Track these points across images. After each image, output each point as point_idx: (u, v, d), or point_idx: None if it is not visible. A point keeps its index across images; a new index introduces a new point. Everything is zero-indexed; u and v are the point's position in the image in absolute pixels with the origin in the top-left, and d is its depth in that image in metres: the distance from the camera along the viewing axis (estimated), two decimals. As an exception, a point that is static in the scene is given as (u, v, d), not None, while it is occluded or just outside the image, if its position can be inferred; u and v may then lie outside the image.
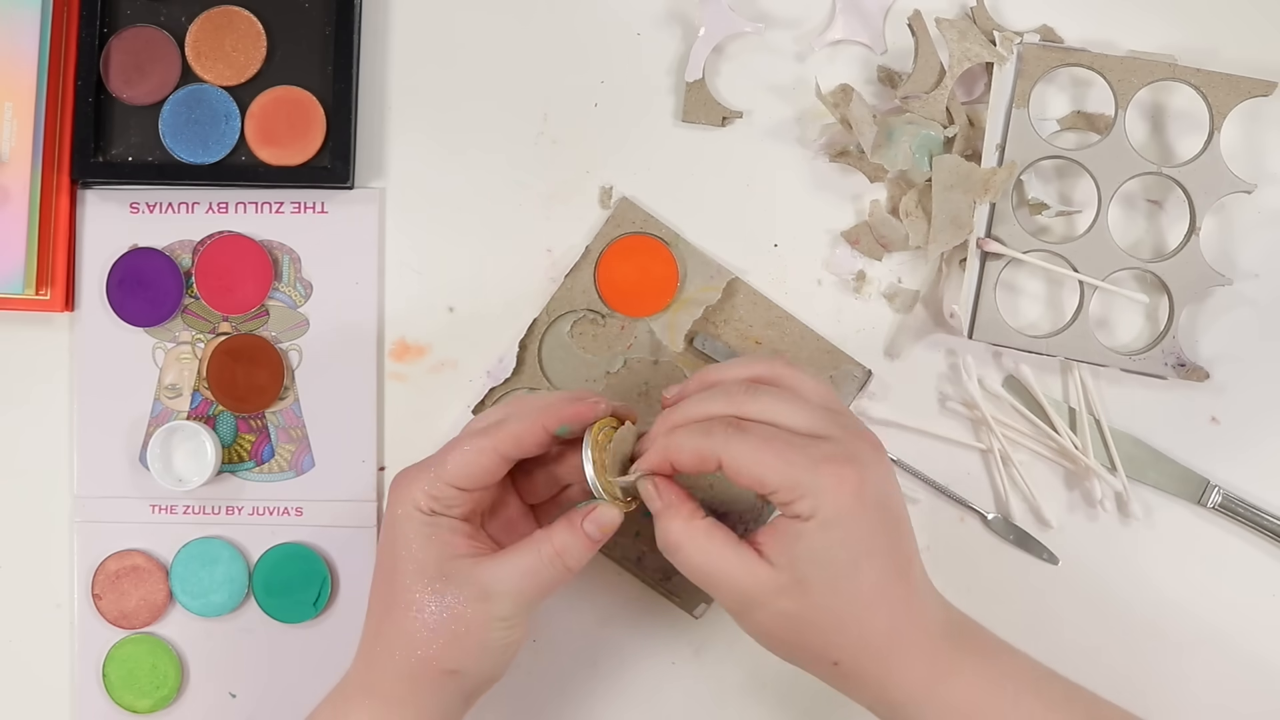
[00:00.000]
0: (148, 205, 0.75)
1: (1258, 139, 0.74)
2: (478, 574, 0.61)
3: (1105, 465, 0.73)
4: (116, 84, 0.74)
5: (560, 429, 0.62)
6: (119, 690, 0.74)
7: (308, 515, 0.74)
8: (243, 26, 0.74)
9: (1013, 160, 0.71)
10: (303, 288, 0.74)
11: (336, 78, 0.73)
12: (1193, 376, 0.72)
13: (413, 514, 0.61)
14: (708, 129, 0.75)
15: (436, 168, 0.75)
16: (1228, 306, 0.73)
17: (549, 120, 0.75)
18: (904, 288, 0.74)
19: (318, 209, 0.75)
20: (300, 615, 0.74)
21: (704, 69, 0.74)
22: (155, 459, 0.72)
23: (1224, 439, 0.73)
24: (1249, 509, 0.72)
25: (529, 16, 0.75)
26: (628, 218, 0.74)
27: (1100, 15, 0.74)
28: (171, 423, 0.73)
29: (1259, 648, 0.73)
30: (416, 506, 0.61)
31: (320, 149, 0.74)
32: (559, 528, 0.62)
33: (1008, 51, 0.72)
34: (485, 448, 0.62)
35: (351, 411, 0.74)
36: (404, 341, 0.75)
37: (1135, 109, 0.73)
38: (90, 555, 0.74)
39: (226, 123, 0.74)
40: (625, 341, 0.74)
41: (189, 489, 0.72)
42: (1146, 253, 0.74)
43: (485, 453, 0.62)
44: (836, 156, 0.74)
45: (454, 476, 0.61)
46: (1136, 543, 0.73)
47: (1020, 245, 0.72)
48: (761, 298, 0.74)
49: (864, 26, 0.74)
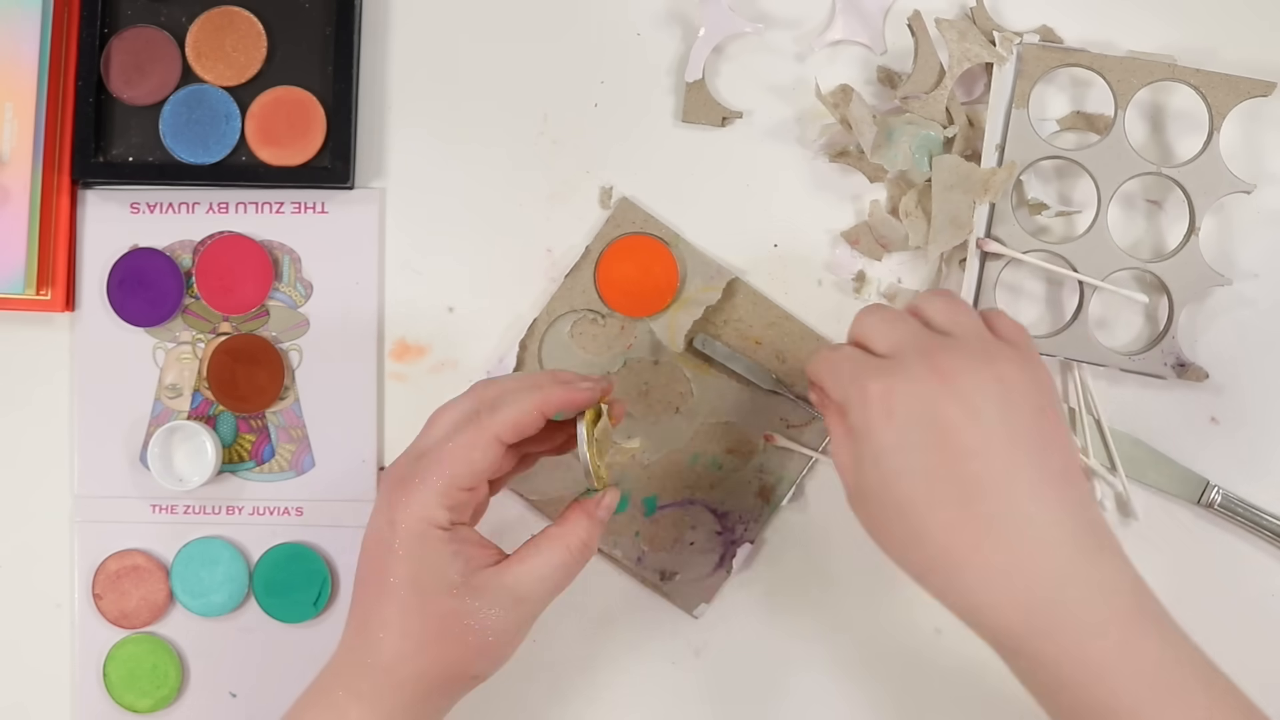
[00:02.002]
0: (148, 205, 0.75)
1: (1257, 139, 0.74)
2: (507, 582, 0.60)
3: (1105, 465, 0.73)
4: (117, 84, 0.74)
5: (557, 414, 0.62)
6: (119, 690, 0.74)
7: (308, 515, 0.74)
8: (243, 27, 0.74)
9: (1012, 160, 0.71)
10: (303, 288, 0.74)
11: (336, 78, 0.73)
12: (1192, 376, 0.72)
13: (431, 532, 0.60)
14: (708, 129, 0.75)
15: (436, 167, 0.75)
16: (1227, 306, 0.73)
17: (549, 120, 0.75)
18: (904, 288, 0.74)
19: (318, 209, 0.75)
20: (300, 615, 0.74)
21: (704, 69, 0.74)
22: (155, 459, 0.72)
23: (1224, 439, 0.73)
24: (1249, 509, 0.72)
25: (529, 17, 0.75)
26: (628, 218, 0.74)
27: (1100, 15, 0.74)
28: (172, 423, 0.73)
29: (1259, 648, 0.73)
30: (435, 524, 0.60)
31: (320, 149, 0.74)
32: (578, 522, 0.62)
33: (1007, 52, 0.72)
34: (488, 440, 0.60)
35: (351, 411, 0.74)
36: (404, 341, 0.75)
37: (1135, 109, 0.73)
38: (90, 555, 0.74)
39: (227, 123, 0.74)
40: (625, 341, 0.74)
41: (189, 489, 0.72)
42: (1146, 253, 0.74)
43: (490, 445, 0.60)
44: (836, 156, 0.74)
45: (463, 478, 0.60)
46: (1136, 543, 0.73)
47: (1020, 245, 0.72)
48: (761, 298, 0.74)
49: (864, 27, 0.74)
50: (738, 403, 0.73)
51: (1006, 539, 0.55)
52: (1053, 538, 0.55)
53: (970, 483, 0.56)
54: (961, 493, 0.56)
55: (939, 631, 0.73)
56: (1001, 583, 0.55)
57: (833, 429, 0.60)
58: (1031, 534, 0.55)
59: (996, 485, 0.56)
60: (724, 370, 0.73)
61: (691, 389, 0.73)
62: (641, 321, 0.74)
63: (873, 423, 0.57)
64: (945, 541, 0.56)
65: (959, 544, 0.56)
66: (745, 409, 0.73)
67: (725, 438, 0.73)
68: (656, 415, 0.73)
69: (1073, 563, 0.55)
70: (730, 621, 0.73)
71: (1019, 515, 0.56)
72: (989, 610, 0.56)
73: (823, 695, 0.73)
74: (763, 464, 0.73)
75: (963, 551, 0.56)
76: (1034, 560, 0.55)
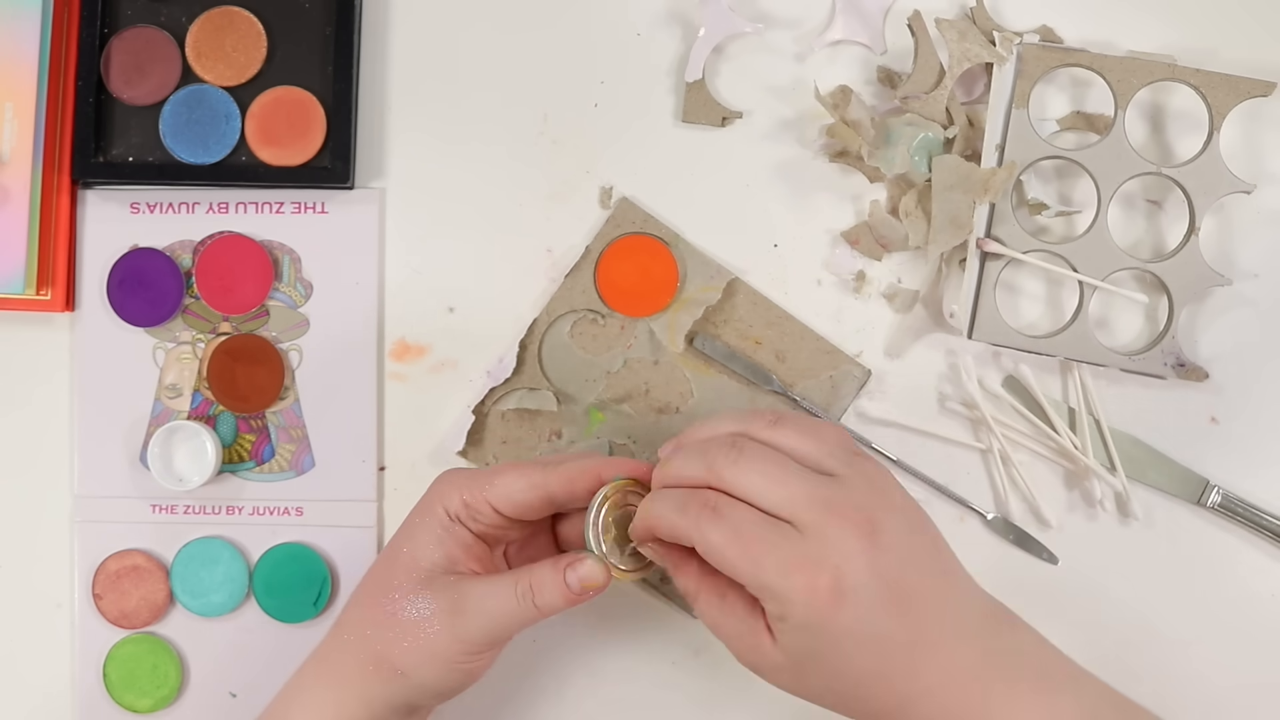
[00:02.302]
0: (148, 205, 0.75)
1: (1257, 139, 0.74)
2: (457, 589, 0.61)
3: (1105, 465, 0.73)
4: (117, 84, 0.74)
5: (615, 480, 0.61)
6: (119, 690, 0.74)
7: (308, 515, 0.74)
8: (243, 27, 0.74)
9: (1013, 160, 0.72)
10: (303, 288, 0.74)
11: (336, 78, 0.73)
12: (1192, 376, 0.72)
13: (437, 514, 0.62)
14: (708, 129, 0.75)
15: (436, 167, 0.75)
16: (1227, 306, 0.73)
17: (549, 120, 0.75)
18: (904, 288, 0.74)
19: (318, 209, 0.75)
20: (300, 615, 0.74)
21: (704, 69, 0.74)
22: (155, 459, 0.72)
23: (1224, 439, 0.73)
24: (1249, 509, 0.72)
25: (529, 17, 0.75)
26: (628, 218, 0.74)
27: (1100, 15, 0.74)
28: (172, 423, 0.73)
29: (1259, 648, 0.73)
30: (445, 509, 0.61)
31: (320, 149, 0.74)
32: (542, 565, 0.61)
33: (1007, 52, 0.72)
34: (536, 483, 0.61)
35: (351, 411, 0.74)
36: (404, 341, 0.75)
37: (1135, 109, 0.73)
38: (90, 555, 0.74)
39: (227, 123, 0.74)
40: (625, 341, 0.74)
41: (189, 489, 0.72)
42: (1146, 253, 0.74)
43: (535, 488, 0.61)
44: (836, 157, 0.74)
45: (495, 497, 0.61)
46: (1136, 543, 0.73)
47: (1020, 245, 0.72)
48: (761, 298, 0.74)
49: (864, 27, 0.74)
50: (738, 403, 0.73)
51: (939, 663, 0.56)
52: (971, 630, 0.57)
53: (915, 639, 0.56)
54: (910, 645, 0.55)
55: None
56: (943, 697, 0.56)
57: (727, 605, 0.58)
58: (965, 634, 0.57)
59: (939, 625, 0.56)
60: (724, 370, 0.73)
61: (691, 389, 0.73)
62: (641, 321, 0.74)
63: (821, 612, 0.54)
64: (900, 692, 0.56)
65: (909, 692, 0.56)
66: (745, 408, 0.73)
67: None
68: (656, 415, 0.73)
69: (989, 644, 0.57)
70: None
71: (950, 639, 0.56)
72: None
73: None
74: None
75: (916, 692, 0.56)
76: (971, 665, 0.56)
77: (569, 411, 0.74)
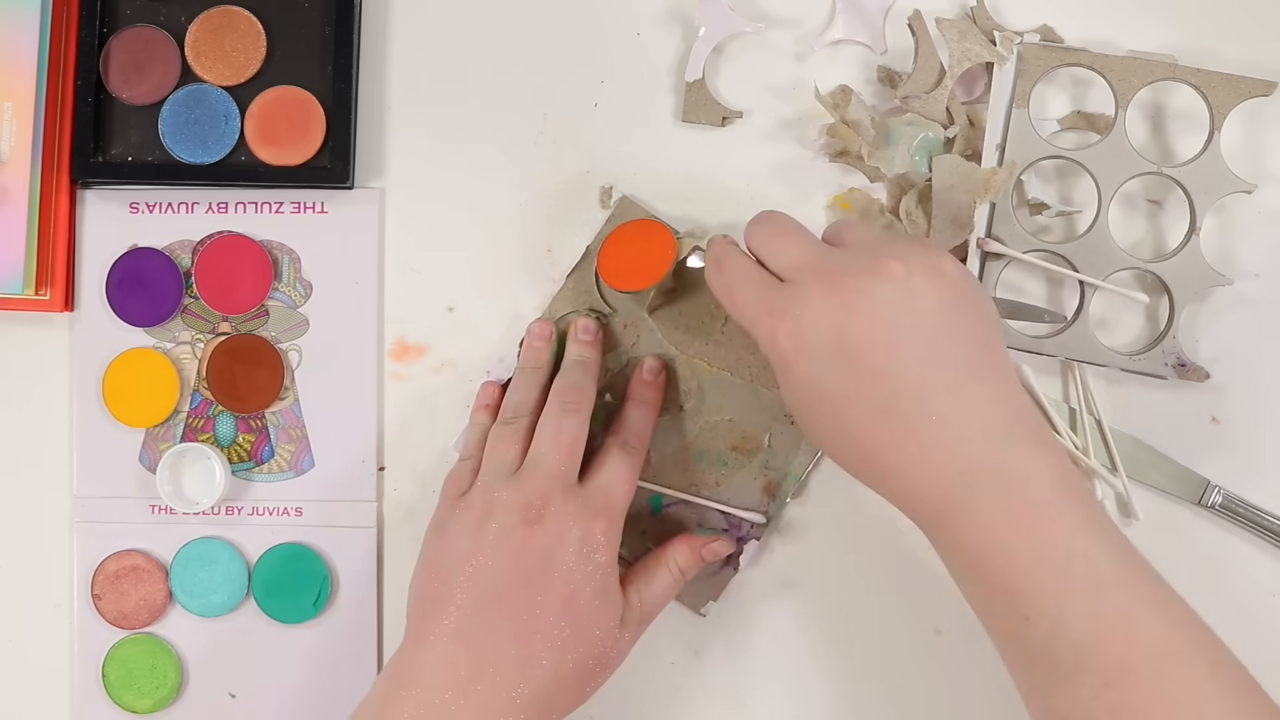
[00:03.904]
0: (147, 205, 0.75)
1: (1258, 139, 0.74)
2: (633, 600, 0.67)
3: (1105, 465, 0.73)
4: (116, 84, 0.74)
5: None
6: (119, 690, 0.74)
7: (308, 515, 0.74)
8: (243, 26, 0.74)
9: (1013, 160, 0.71)
10: (303, 288, 0.74)
11: (336, 78, 0.73)
12: (1193, 376, 0.72)
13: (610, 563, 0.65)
14: (708, 129, 0.75)
15: (436, 167, 0.75)
16: (1228, 306, 0.73)
17: (549, 120, 0.75)
18: (904, 288, 0.74)
19: (318, 209, 0.75)
20: (300, 615, 0.73)
21: (704, 69, 0.74)
22: (165, 482, 0.72)
23: (1224, 439, 0.73)
24: (1249, 509, 0.72)
25: (529, 16, 0.75)
26: (628, 217, 0.74)
27: (1100, 15, 0.74)
28: (178, 445, 0.73)
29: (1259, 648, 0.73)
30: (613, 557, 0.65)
31: (320, 149, 0.74)
32: (679, 547, 0.69)
33: (1008, 51, 0.72)
34: (635, 464, 0.68)
35: (351, 412, 0.74)
36: (404, 341, 0.75)
37: (1135, 109, 0.73)
38: (90, 555, 0.74)
39: (226, 123, 0.74)
40: (628, 340, 0.74)
41: (199, 510, 0.73)
42: (1146, 253, 0.74)
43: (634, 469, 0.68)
44: (836, 157, 0.74)
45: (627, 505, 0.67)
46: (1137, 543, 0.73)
47: (1020, 245, 0.72)
48: (762, 298, 0.73)
49: (864, 26, 0.74)
50: (741, 401, 0.73)
51: (920, 439, 0.58)
52: (963, 433, 0.58)
53: (885, 399, 0.58)
54: (878, 408, 0.58)
55: (939, 633, 0.73)
56: (920, 475, 0.58)
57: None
58: (944, 431, 0.58)
59: (910, 395, 0.58)
60: (726, 368, 0.73)
61: (695, 386, 0.73)
62: (644, 320, 0.73)
63: (785, 358, 0.59)
64: (873, 444, 0.59)
65: (884, 446, 0.58)
66: (749, 406, 0.73)
67: (730, 435, 0.73)
68: (660, 413, 0.73)
69: (981, 455, 0.57)
70: (730, 621, 0.73)
71: (932, 415, 0.58)
72: (911, 499, 0.59)
73: (823, 697, 0.73)
74: (767, 460, 0.73)
75: (888, 453, 0.58)
76: (946, 456, 0.58)
77: (569, 411, 0.73)
